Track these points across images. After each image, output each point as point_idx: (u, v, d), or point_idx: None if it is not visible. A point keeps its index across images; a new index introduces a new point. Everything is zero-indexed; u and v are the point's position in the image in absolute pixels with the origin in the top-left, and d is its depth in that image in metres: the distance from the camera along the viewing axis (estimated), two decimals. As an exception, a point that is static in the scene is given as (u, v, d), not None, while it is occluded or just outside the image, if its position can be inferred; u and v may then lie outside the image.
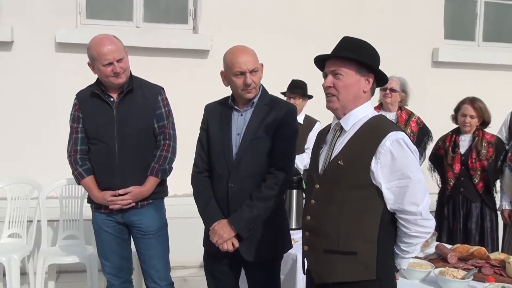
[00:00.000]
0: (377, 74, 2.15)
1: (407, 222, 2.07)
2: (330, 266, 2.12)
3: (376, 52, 2.16)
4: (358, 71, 2.10)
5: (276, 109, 2.71)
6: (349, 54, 2.09)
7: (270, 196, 2.63)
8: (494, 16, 6.35)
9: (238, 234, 2.64)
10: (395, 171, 2.02)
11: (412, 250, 2.15)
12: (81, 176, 3.09)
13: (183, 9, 5.45)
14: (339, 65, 2.10)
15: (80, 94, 3.17)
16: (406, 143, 2.04)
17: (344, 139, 2.13)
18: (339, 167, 2.09)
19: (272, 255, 2.78)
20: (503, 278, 2.74)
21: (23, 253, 4.09)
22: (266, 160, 2.67)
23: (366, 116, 2.14)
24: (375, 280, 2.08)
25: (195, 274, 4.80)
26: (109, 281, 3.24)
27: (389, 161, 2.02)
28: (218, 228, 2.65)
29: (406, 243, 2.12)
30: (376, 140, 2.03)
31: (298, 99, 4.34)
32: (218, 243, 2.65)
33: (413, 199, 2.03)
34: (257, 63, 2.66)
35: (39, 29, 4.94)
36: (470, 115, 4.10)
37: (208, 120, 2.80)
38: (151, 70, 4.13)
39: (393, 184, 2.03)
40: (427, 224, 2.08)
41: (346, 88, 2.10)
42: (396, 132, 2.05)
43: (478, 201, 4.12)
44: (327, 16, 5.51)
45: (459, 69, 5.99)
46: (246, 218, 2.62)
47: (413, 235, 2.08)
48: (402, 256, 2.17)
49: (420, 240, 2.12)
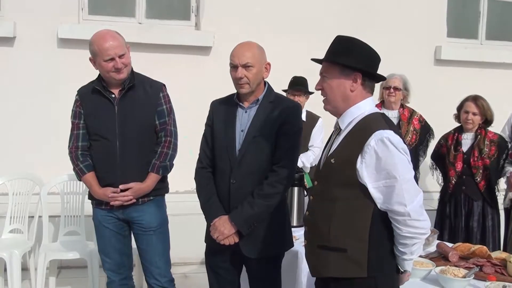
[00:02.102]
0: (365, 73, 2.15)
1: (398, 223, 2.05)
2: (323, 261, 2.15)
3: (366, 51, 2.16)
4: (342, 73, 2.13)
5: (280, 107, 2.72)
6: (331, 57, 2.15)
7: (271, 193, 2.64)
8: (497, 14, 6.33)
9: (239, 231, 2.65)
10: (380, 171, 2.02)
11: (409, 251, 2.11)
12: (82, 172, 3.10)
13: (186, 6, 5.45)
14: (325, 68, 2.18)
15: (81, 90, 3.17)
16: (392, 141, 2.01)
17: (339, 138, 2.16)
18: (331, 165, 2.13)
19: (274, 252, 2.78)
20: (504, 277, 2.73)
21: (24, 249, 4.09)
22: (269, 158, 2.68)
23: (362, 114, 2.14)
24: (368, 278, 2.08)
25: (196, 270, 4.80)
26: (109, 278, 3.24)
27: (374, 160, 2.01)
28: (219, 224, 2.66)
29: (401, 243, 2.10)
30: (363, 139, 2.05)
31: (301, 96, 4.33)
32: (218, 239, 2.66)
33: (401, 199, 2.01)
34: (253, 59, 2.65)
35: (41, 24, 4.93)
36: (472, 112, 4.09)
37: (213, 116, 2.82)
38: (153, 66, 4.13)
39: (380, 184, 2.03)
40: (418, 225, 2.04)
41: (331, 89, 2.16)
42: (383, 130, 2.03)
43: (480, 199, 4.12)
44: (330, 12, 5.50)
45: (462, 67, 5.97)
46: (246, 215, 2.63)
47: (405, 235, 2.06)
48: (402, 258, 2.15)
49: (415, 241, 2.08)
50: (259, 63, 2.68)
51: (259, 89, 2.75)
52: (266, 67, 2.74)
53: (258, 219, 2.65)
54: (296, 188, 3.61)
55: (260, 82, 2.74)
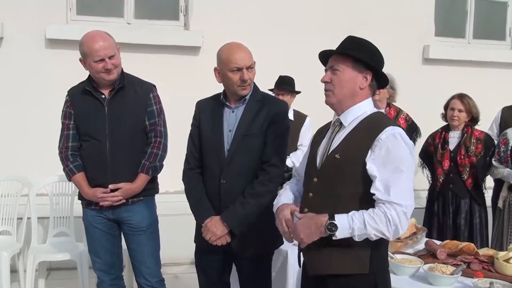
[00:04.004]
0: (375, 72, 2.17)
1: (389, 210, 1.97)
2: (325, 259, 2.14)
3: (377, 52, 2.19)
4: (355, 67, 2.14)
5: (268, 106, 2.72)
6: (345, 50, 2.14)
7: (262, 192, 2.65)
8: (484, 13, 6.39)
9: (231, 231, 2.65)
10: (388, 164, 2.03)
11: (364, 232, 1.98)
12: (72, 173, 3.09)
13: (174, 6, 5.44)
14: (337, 61, 2.16)
15: (71, 90, 3.16)
16: (403, 137, 2.06)
17: (343, 134, 2.17)
18: (336, 160, 2.12)
19: (264, 250, 2.79)
20: (491, 274, 2.76)
21: (13, 251, 4.07)
22: (258, 157, 2.68)
23: (365, 113, 2.17)
24: (369, 274, 2.10)
25: (186, 271, 4.80)
26: (99, 278, 3.23)
27: (383, 153, 2.03)
28: (210, 225, 2.66)
29: (372, 218, 1.98)
30: (373, 135, 2.06)
31: (286, 96, 4.33)
32: (211, 240, 2.66)
33: (402, 193, 2.02)
34: (252, 60, 2.68)
35: (29, 25, 4.90)
36: (458, 109, 4.14)
37: (199, 117, 2.81)
38: (142, 67, 4.11)
39: (384, 176, 2.02)
40: (404, 224, 1.99)
41: (341, 83, 2.14)
42: (393, 127, 2.08)
43: (467, 197, 4.16)
44: (318, 12, 5.51)
45: (450, 66, 6.02)
46: (239, 215, 2.63)
47: (388, 218, 1.96)
48: (357, 222, 1.99)
49: (382, 227, 1.97)
50: (253, 62, 2.70)
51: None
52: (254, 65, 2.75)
53: (250, 219, 2.65)
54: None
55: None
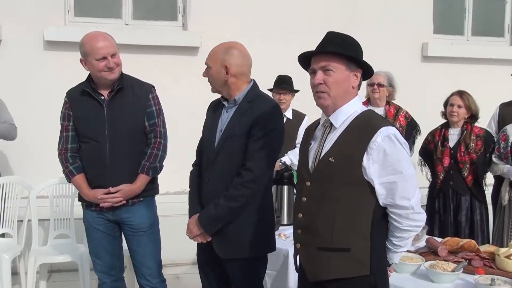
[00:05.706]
0: (363, 68, 2.14)
1: (399, 217, 2.07)
2: (324, 264, 2.12)
3: (360, 46, 2.15)
4: (348, 67, 2.08)
5: (255, 107, 2.65)
6: (338, 49, 2.07)
7: (235, 196, 2.59)
8: (482, 10, 6.39)
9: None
10: (386, 167, 2.03)
11: (404, 244, 2.16)
12: (72, 174, 3.09)
13: (173, 6, 5.43)
14: (328, 61, 2.06)
15: (70, 92, 3.16)
16: (398, 138, 2.05)
17: (334, 136, 2.11)
18: (330, 164, 2.08)
19: (250, 254, 2.67)
20: (492, 270, 2.76)
21: (14, 253, 4.07)
22: (240, 159, 2.62)
23: (356, 111, 2.12)
24: (369, 276, 2.09)
25: (187, 271, 4.79)
26: (100, 279, 3.23)
27: (381, 157, 2.02)
28: (190, 223, 2.73)
29: (397, 237, 2.13)
30: (367, 136, 2.03)
31: (287, 95, 4.34)
32: (189, 237, 2.73)
33: (405, 194, 2.04)
34: (212, 61, 2.68)
35: (27, 27, 4.89)
36: (457, 105, 4.14)
37: (206, 116, 2.88)
38: (141, 67, 4.11)
39: (385, 180, 2.03)
40: (418, 218, 2.09)
41: (337, 84, 2.07)
42: (387, 127, 2.05)
43: (467, 194, 4.16)
44: (316, 11, 5.51)
45: (449, 64, 6.02)
46: (209, 216, 2.64)
47: (405, 229, 2.09)
48: (394, 250, 2.18)
49: (412, 234, 2.14)
50: (211, 62, 2.73)
51: (235, 89, 2.69)
52: (226, 68, 2.71)
53: (222, 220, 2.61)
54: (286, 186, 3.62)
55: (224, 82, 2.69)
